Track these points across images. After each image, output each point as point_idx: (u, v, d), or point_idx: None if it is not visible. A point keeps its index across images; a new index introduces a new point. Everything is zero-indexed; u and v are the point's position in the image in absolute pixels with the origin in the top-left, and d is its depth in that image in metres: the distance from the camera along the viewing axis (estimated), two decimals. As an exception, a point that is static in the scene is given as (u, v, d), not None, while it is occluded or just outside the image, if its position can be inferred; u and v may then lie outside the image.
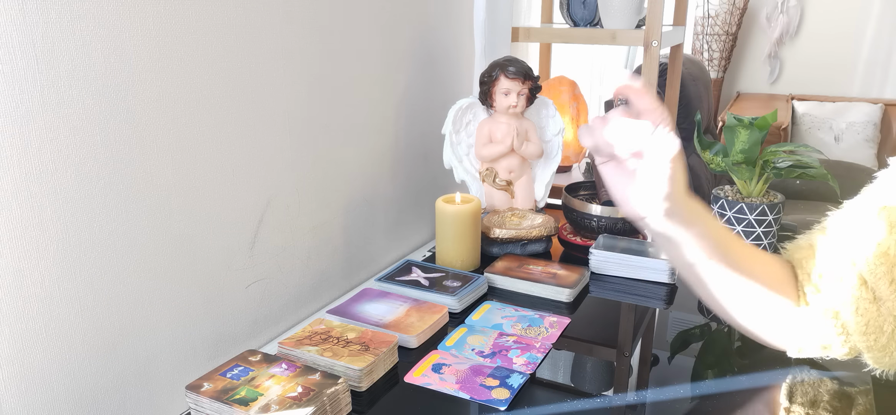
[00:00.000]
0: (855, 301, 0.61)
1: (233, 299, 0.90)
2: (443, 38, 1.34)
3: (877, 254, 0.60)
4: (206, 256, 0.84)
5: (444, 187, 1.38)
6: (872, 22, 3.24)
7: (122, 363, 0.76)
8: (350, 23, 1.04)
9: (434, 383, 0.81)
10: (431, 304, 0.97)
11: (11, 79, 0.60)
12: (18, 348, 0.65)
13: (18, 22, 0.60)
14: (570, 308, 1.02)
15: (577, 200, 1.25)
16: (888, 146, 3.20)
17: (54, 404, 0.69)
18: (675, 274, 1.10)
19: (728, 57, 3.44)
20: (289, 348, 0.84)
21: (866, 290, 0.61)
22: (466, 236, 1.12)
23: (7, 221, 0.62)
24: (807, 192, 2.64)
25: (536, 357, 0.86)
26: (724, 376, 0.86)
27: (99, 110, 0.68)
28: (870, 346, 0.62)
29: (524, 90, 1.22)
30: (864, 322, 0.61)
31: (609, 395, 0.81)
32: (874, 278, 0.60)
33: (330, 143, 1.04)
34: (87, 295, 0.70)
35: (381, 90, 1.15)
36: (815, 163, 1.13)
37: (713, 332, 0.97)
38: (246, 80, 0.86)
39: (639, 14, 1.43)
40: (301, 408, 0.69)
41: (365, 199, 1.15)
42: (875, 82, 3.30)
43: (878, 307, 0.60)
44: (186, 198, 0.80)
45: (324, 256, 1.06)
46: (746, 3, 3.34)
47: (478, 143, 1.26)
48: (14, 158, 0.62)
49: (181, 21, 0.76)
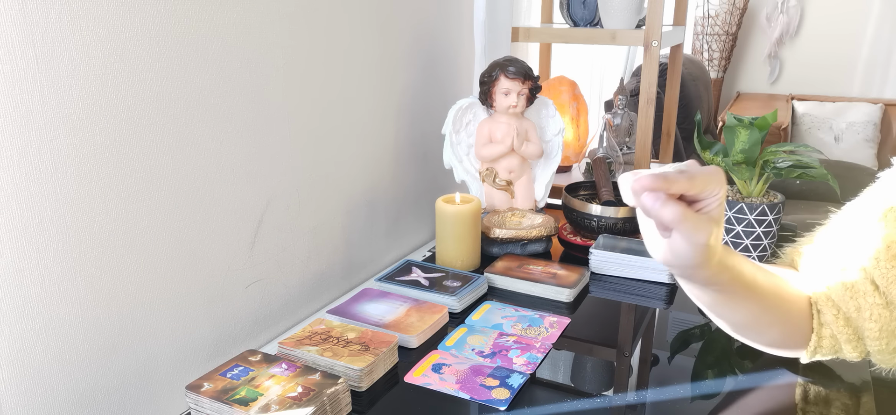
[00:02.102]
0: (869, 307, 0.60)
1: (233, 299, 0.90)
2: (443, 38, 1.34)
3: (888, 257, 0.59)
4: (206, 256, 0.84)
5: (444, 187, 1.38)
6: (872, 22, 3.24)
7: (122, 363, 0.76)
8: (350, 23, 1.04)
9: (434, 383, 0.81)
10: (431, 304, 0.97)
11: (11, 79, 0.60)
12: (18, 348, 0.65)
13: (18, 22, 0.60)
14: (570, 308, 1.02)
15: (577, 200, 1.25)
16: (888, 146, 3.20)
17: (54, 404, 0.69)
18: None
19: (728, 57, 3.44)
20: (289, 348, 0.84)
21: (879, 295, 0.60)
22: (466, 236, 1.12)
23: (7, 221, 0.62)
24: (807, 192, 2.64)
25: (536, 357, 0.86)
26: (724, 376, 0.86)
27: (99, 111, 0.68)
28: (881, 349, 0.61)
29: (524, 90, 1.22)
30: (878, 328, 0.60)
31: (609, 395, 0.81)
32: (886, 282, 0.59)
33: (330, 143, 1.04)
34: (87, 295, 0.70)
35: (381, 90, 1.15)
36: (815, 163, 1.13)
37: (713, 332, 0.97)
38: (246, 80, 0.86)
39: (639, 14, 1.43)
40: (301, 408, 0.69)
41: (365, 199, 1.15)
42: (875, 82, 3.30)
43: (891, 312, 0.60)
44: (186, 198, 0.80)
45: (324, 257, 1.06)
46: (746, 3, 3.34)
47: (478, 143, 1.26)
48: (14, 158, 0.62)
49: (181, 21, 0.76)
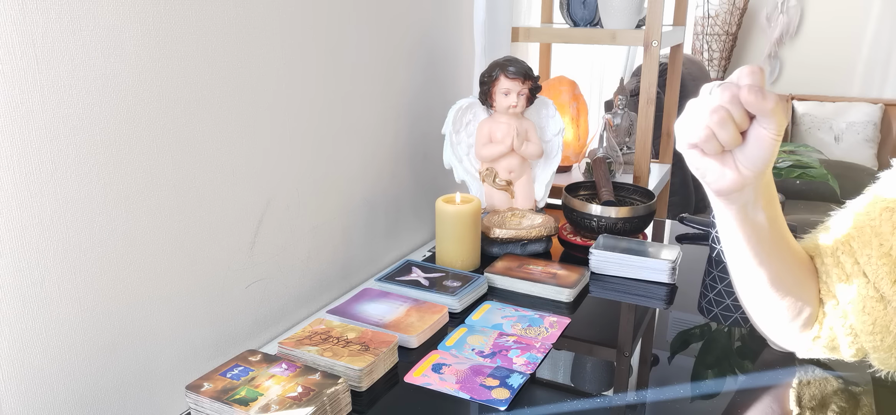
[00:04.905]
0: (861, 300, 0.61)
1: (233, 299, 0.90)
2: (443, 38, 1.34)
3: (880, 254, 0.60)
4: (206, 257, 0.84)
5: (444, 187, 1.38)
6: (872, 22, 3.24)
7: (122, 363, 0.76)
8: (350, 23, 1.04)
9: (434, 383, 0.81)
10: (431, 304, 0.97)
11: (11, 79, 0.60)
12: (18, 348, 0.65)
13: (18, 22, 0.60)
14: (570, 308, 1.02)
15: (577, 200, 1.25)
16: (888, 146, 3.20)
17: (54, 405, 0.69)
18: (676, 273, 1.10)
19: (728, 57, 3.44)
20: (289, 348, 0.84)
21: (872, 289, 0.61)
22: (466, 236, 1.12)
23: (7, 221, 0.62)
24: (807, 192, 2.64)
25: (536, 357, 0.86)
26: (724, 376, 0.86)
27: (99, 110, 0.68)
28: (876, 346, 0.62)
29: (524, 90, 1.22)
30: (871, 321, 0.61)
31: (609, 395, 0.81)
32: (877, 278, 0.60)
33: (330, 143, 1.04)
34: (87, 295, 0.70)
35: (381, 90, 1.15)
36: (815, 163, 1.13)
37: (713, 332, 0.97)
38: (246, 80, 0.86)
39: (639, 14, 1.43)
40: (301, 408, 0.69)
41: (365, 199, 1.15)
42: (875, 82, 3.30)
43: (884, 307, 0.60)
44: (186, 198, 0.80)
45: (324, 256, 1.06)
46: (746, 3, 3.34)
47: (478, 143, 1.26)
48: (14, 158, 0.62)
49: (181, 21, 0.76)
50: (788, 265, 0.63)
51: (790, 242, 0.64)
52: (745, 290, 0.66)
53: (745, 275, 0.65)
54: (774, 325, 0.68)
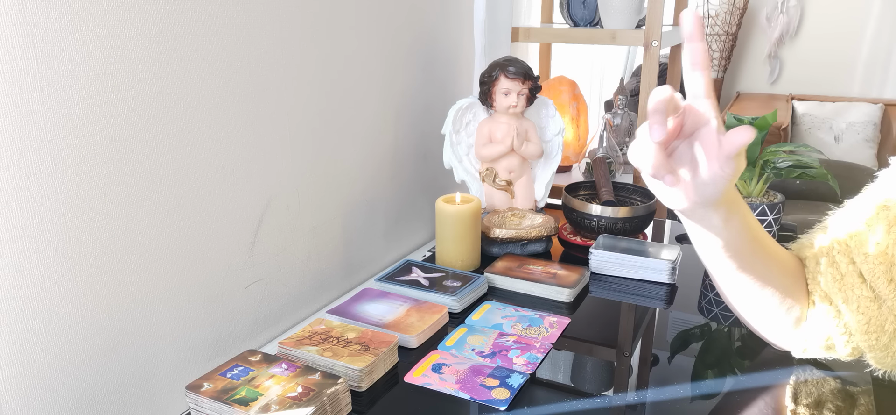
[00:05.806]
0: (856, 299, 0.61)
1: (233, 299, 0.90)
2: (443, 38, 1.34)
3: (875, 253, 0.60)
4: (206, 256, 0.84)
5: (444, 187, 1.38)
6: (872, 22, 3.24)
7: (122, 363, 0.76)
8: (350, 23, 1.04)
9: (434, 383, 0.81)
10: (431, 304, 0.97)
11: (11, 79, 0.60)
12: (18, 348, 0.65)
13: (18, 22, 0.60)
14: (570, 308, 1.02)
15: (577, 200, 1.25)
16: (888, 146, 3.20)
17: (54, 405, 0.69)
18: (676, 273, 1.10)
19: (728, 57, 3.44)
20: (289, 348, 0.84)
21: (866, 288, 0.61)
22: (466, 236, 1.12)
23: (7, 221, 0.62)
24: (807, 192, 2.64)
25: (536, 357, 0.86)
26: (724, 376, 0.86)
27: (99, 110, 0.68)
28: (871, 345, 0.62)
29: (524, 90, 1.22)
30: (866, 320, 0.61)
31: (609, 395, 0.81)
32: (873, 277, 0.60)
33: (330, 143, 1.04)
34: (87, 295, 0.70)
35: (381, 90, 1.15)
36: (815, 163, 1.13)
37: (713, 332, 0.97)
38: (246, 80, 0.86)
39: (639, 14, 1.43)
40: (301, 408, 0.69)
41: (365, 199, 1.15)
42: (875, 82, 3.30)
43: (878, 306, 0.61)
44: (186, 198, 0.80)
45: (324, 257, 1.06)
46: (746, 3, 3.34)
47: (478, 143, 1.26)
48: (14, 158, 0.62)
49: (181, 21, 0.76)
50: (769, 269, 0.63)
51: (767, 245, 0.64)
52: (730, 297, 0.67)
53: (725, 283, 0.65)
54: (763, 328, 0.68)
